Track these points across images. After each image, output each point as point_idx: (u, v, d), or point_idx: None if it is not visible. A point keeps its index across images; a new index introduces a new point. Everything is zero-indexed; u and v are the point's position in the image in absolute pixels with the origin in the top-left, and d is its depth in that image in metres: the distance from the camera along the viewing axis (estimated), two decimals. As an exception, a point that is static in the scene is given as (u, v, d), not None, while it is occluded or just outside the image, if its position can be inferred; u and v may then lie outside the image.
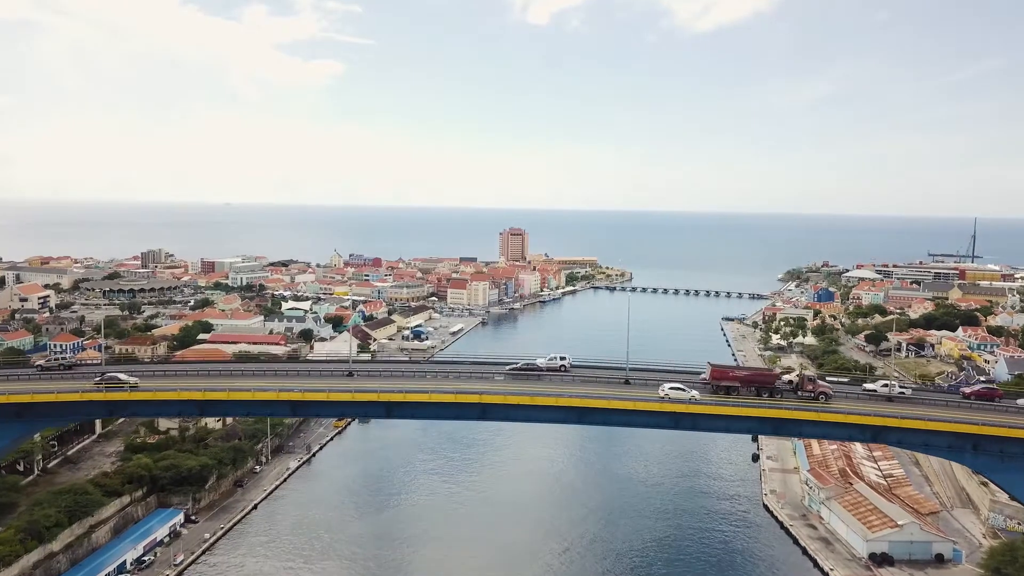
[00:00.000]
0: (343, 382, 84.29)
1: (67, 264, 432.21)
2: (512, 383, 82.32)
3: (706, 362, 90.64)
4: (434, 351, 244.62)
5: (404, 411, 76.74)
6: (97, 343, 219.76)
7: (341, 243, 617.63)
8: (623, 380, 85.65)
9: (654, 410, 73.11)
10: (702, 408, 72.30)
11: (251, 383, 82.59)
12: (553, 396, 74.03)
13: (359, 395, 76.09)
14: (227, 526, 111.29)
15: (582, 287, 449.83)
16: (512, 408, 73.23)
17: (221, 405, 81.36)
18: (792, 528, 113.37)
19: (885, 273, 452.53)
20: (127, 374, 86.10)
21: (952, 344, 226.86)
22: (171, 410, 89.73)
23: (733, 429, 77.31)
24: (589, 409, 73.89)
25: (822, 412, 74.24)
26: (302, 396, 76.65)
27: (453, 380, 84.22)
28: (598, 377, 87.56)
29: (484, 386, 79.48)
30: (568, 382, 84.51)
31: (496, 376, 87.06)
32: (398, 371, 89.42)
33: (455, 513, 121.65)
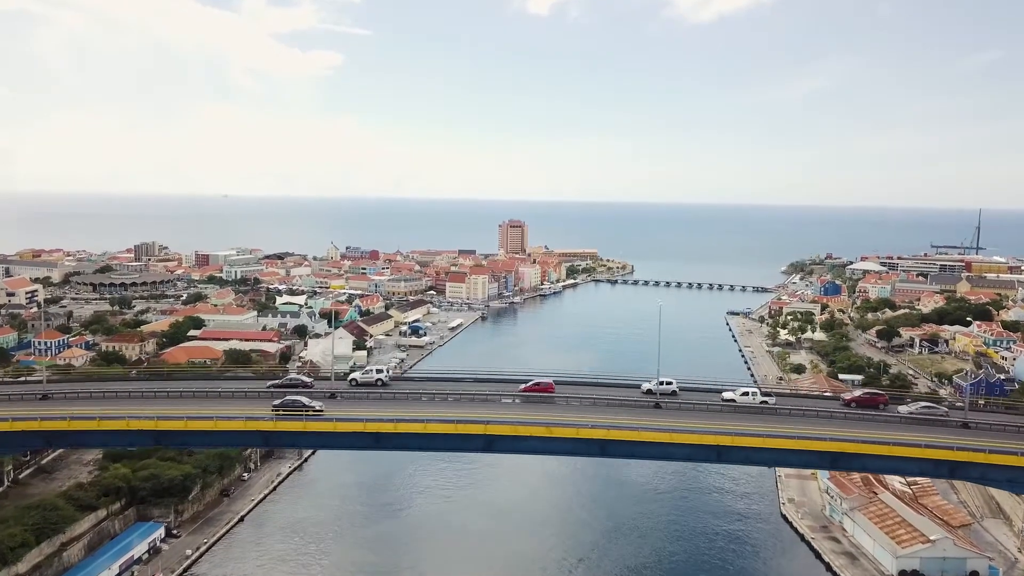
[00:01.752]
0: (325, 407, 73.58)
1: (59, 257, 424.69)
2: (522, 409, 72.54)
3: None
4: (433, 347, 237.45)
5: (396, 442, 66.35)
6: (83, 340, 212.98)
7: (338, 235, 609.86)
8: (652, 404, 75.75)
9: (694, 443, 63.07)
10: (751, 440, 62.65)
11: (215, 409, 70.99)
12: (572, 427, 63.89)
13: (342, 424, 66.76)
14: (211, 540, 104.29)
15: (583, 280, 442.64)
16: (522, 440, 63.47)
17: (179, 436, 69.81)
18: (814, 541, 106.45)
19: (890, 265, 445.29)
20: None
21: (967, 340, 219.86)
22: (121, 441, 77.97)
23: (784, 463, 69.82)
24: (614, 441, 63.54)
25: (891, 444, 65.49)
26: (274, 426, 66.88)
27: (453, 404, 74.54)
28: (623, 400, 76.97)
29: (490, 413, 69.26)
30: (588, 406, 74.54)
31: (503, 398, 77.13)
32: (388, 393, 78.79)
33: (456, 521, 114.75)
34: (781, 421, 70.67)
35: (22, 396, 77.60)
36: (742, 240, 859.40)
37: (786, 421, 70.76)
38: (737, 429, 63.47)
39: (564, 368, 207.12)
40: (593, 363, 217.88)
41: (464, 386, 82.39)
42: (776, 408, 75.99)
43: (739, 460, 65.24)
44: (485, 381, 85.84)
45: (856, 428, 69.10)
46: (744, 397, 77.82)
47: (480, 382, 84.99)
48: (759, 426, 65.21)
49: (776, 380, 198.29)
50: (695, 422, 66.83)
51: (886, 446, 63.21)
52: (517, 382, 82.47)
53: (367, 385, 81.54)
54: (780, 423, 69.26)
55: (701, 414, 72.78)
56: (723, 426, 65.02)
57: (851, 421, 72.77)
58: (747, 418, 70.83)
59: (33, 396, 77.29)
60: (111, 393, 79.68)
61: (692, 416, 70.97)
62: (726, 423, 66.43)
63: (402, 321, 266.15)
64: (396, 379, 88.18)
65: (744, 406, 76.40)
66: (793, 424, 69.01)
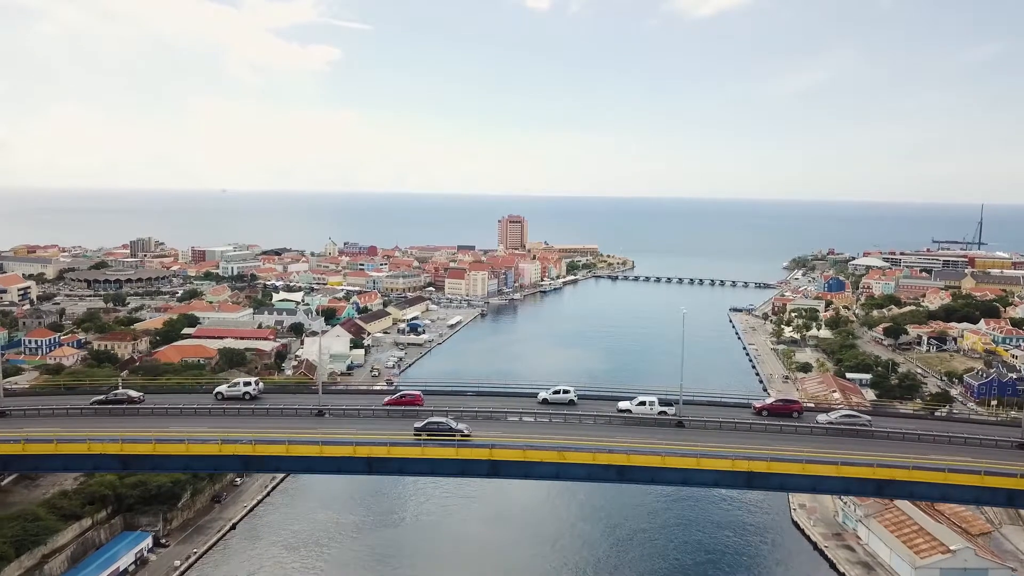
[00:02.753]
0: (310, 426, 66.72)
1: (54, 253, 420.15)
2: (531, 429, 66.92)
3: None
4: (432, 346, 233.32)
5: (390, 467, 59.96)
6: (75, 338, 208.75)
7: (336, 230, 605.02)
8: (675, 422, 69.67)
9: (722, 469, 56.58)
10: (787, 467, 56.58)
11: (188, 430, 63.71)
12: (588, 451, 57.51)
13: (329, 449, 59.49)
14: (202, 550, 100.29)
15: (583, 276, 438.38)
16: (532, 465, 57.15)
17: (149, 460, 62.78)
18: (827, 550, 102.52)
19: (893, 261, 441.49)
20: None
21: (975, 338, 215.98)
22: (83, 465, 71.14)
23: (823, 489, 65.77)
24: (633, 467, 56.93)
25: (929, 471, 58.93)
26: (252, 450, 59.65)
27: (453, 423, 68.51)
28: (642, 418, 70.28)
29: (495, 432, 63.05)
30: (602, 424, 68.89)
31: (509, 415, 70.90)
32: (382, 408, 72.05)
33: (455, 528, 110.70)
34: (687, 435, 65.77)
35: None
36: (743, 235, 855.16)
37: (692, 435, 65.78)
38: (772, 454, 57.44)
39: (565, 368, 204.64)
40: (596, 362, 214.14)
41: (465, 401, 76.22)
42: (681, 420, 70.13)
43: (773, 487, 60.09)
44: (488, 395, 79.53)
45: (768, 441, 63.27)
46: (641, 407, 71.95)
47: (483, 396, 78.52)
48: (796, 450, 58.70)
49: (782, 379, 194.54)
50: (723, 444, 60.95)
51: (798, 464, 57.56)
52: (524, 395, 76.63)
53: (234, 399, 75.49)
54: (688, 438, 64.38)
55: (729, 434, 66.35)
56: (756, 449, 58.78)
57: (769, 434, 67.25)
58: (695, 436, 65.34)
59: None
60: (75, 410, 72.51)
61: (719, 437, 64.85)
62: (759, 446, 59.89)
63: (400, 318, 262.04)
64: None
65: (641, 417, 70.77)
66: (701, 438, 63.98)
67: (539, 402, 74.88)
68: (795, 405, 74.72)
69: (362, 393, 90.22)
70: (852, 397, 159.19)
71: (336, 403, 74.58)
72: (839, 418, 70.88)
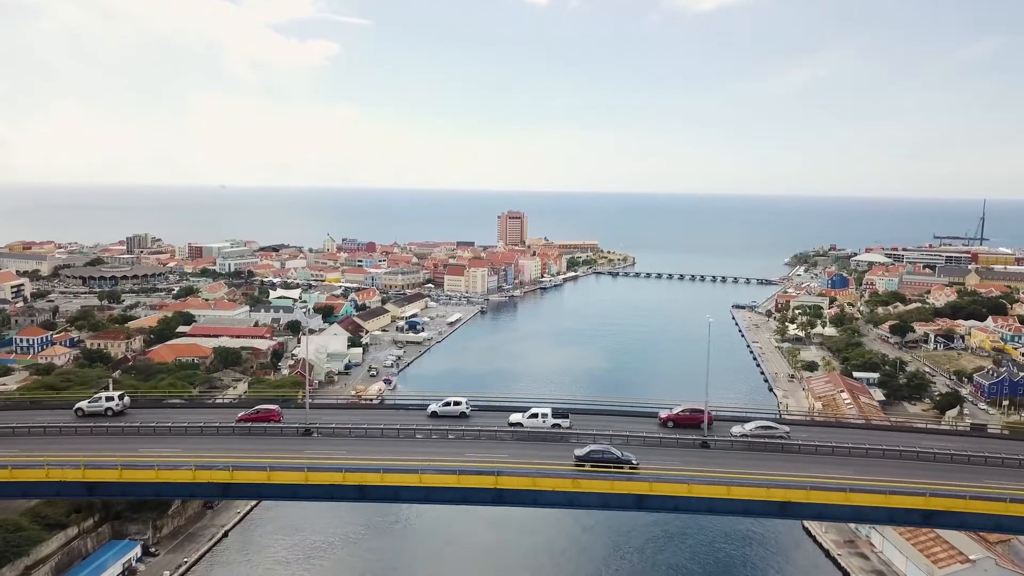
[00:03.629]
0: (296, 448, 60.92)
1: (50, 250, 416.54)
2: (539, 450, 60.63)
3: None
4: (431, 344, 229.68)
5: (385, 494, 54.25)
6: (68, 337, 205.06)
7: (335, 226, 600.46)
8: (699, 442, 64.05)
9: (755, 498, 51.27)
10: (827, 496, 51.28)
11: (160, 451, 58.69)
12: (606, 479, 52.60)
13: (315, 476, 53.89)
14: (193, 558, 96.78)
15: (583, 272, 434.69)
16: (543, 493, 51.65)
17: (116, 487, 57.82)
18: (840, 558, 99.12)
19: (895, 257, 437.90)
20: None
21: (983, 336, 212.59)
22: (45, 492, 64.07)
23: (865, 519, 60.44)
24: (655, 496, 51.60)
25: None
26: (231, 476, 54.25)
27: (453, 444, 63.16)
28: (663, 438, 64.44)
29: (501, 455, 57.37)
30: (619, 446, 61.53)
31: (516, 435, 65.43)
32: (375, 425, 65.79)
33: (459, 531, 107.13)
34: (454, 445, 61.08)
35: None
36: (743, 231, 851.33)
37: (460, 446, 61.06)
38: (811, 482, 52.21)
39: (566, 368, 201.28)
40: (597, 361, 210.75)
41: (469, 419, 70.47)
42: (577, 434, 64.49)
43: (808, 515, 56.13)
44: (492, 409, 73.22)
45: (670, 457, 58.76)
46: (532, 420, 66.57)
47: (485, 411, 72.64)
48: (834, 477, 53.40)
49: (788, 378, 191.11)
50: (754, 470, 55.34)
51: (840, 492, 52.06)
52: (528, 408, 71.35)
53: (95, 415, 69.22)
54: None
55: (760, 456, 60.73)
56: (794, 476, 53.36)
57: (670, 448, 62.58)
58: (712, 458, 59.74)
59: None
60: (38, 428, 66.65)
61: (749, 460, 59.12)
62: (796, 472, 54.42)
63: (399, 316, 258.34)
64: (391, 408, 74.42)
65: (533, 431, 65.42)
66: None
67: (428, 415, 69.91)
68: (699, 416, 68.99)
69: (343, 408, 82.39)
70: (860, 397, 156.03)
71: (316, 420, 68.48)
72: (755, 429, 65.53)
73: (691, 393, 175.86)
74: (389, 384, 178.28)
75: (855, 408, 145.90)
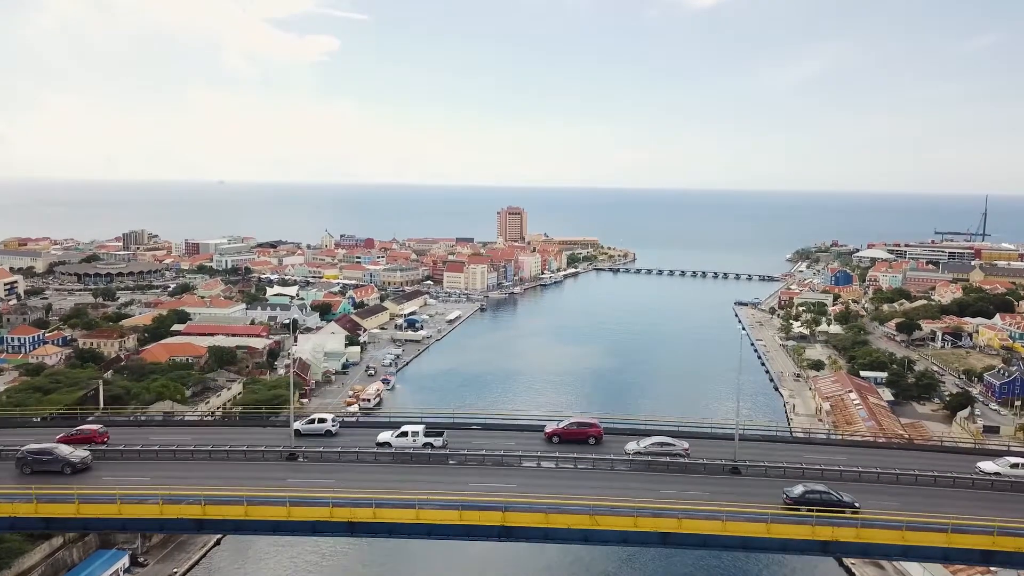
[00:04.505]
0: (278, 475, 54.91)
1: (45, 246, 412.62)
2: (552, 479, 54.82)
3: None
4: (430, 342, 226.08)
5: (378, 530, 48.76)
6: (60, 335, 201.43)
7: (333, 222, 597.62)
8: (729, 467, 57.27)
9: (801, 537, 45.79)
10: (879, 534, 45.59)
11: (126, 479, 53.05)
12: (629, 515, 46.16)
13: (299, 512, 48.02)
14: (183, 568, 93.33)
15: (584, 269, 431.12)
16: (556, 531, 45.90)
17: (76, 522, 52.63)
18: (854, 567, 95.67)
19: (898, 253, 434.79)
20: None
21: (991, 334, 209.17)
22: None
23: (916, 556, 54.98)
24: (686, 534, 45.66)
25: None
26: (203, 512, 48.34)
27: (454, 470, 56.97)
28: (689, 464, 57.52)
29: (509, 485, 51.76)
30: (640, 468, 56.78)
31: (524, 460, 58.06)
32: (367, 450, 59.38)
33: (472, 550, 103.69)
34: (455, 473, 55.16)
35: None
36: (744, 227, 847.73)
37: (462, 473, 54.98)
38: (860, 517, 46.41)
39: (568, 367, 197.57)
40: (599, 360, 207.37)
41: (470, 438, 63.05)
42: (447, 454, 58.73)
43: (855, 553, 50.40)
44: (497, 428, 66.87)
45: (556, 479, 53.71)
46: (402, 439, 60.51)
47: (489, 429, 66.05)
48: (884, 512, 47.14)
49: (793, 377, 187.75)
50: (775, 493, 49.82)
51: (896, 531, 46.05)
52: (539, 428, 65.31)
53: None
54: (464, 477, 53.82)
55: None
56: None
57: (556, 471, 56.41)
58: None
59: None
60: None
61: (774, 487, 52.43)
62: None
63: (398, 313, 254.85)
64: (385, 425, 66.12)
65: (401, 451, 59.52)
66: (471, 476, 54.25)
67: (293, 433, 63.30)
68: (593, 429, 62.72)
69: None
70: (869, 397, 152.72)
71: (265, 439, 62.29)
72: (650, 446, 59.29)
73: (692, 393, 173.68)
74: (387, 384, 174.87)
75: (864, 409, 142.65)
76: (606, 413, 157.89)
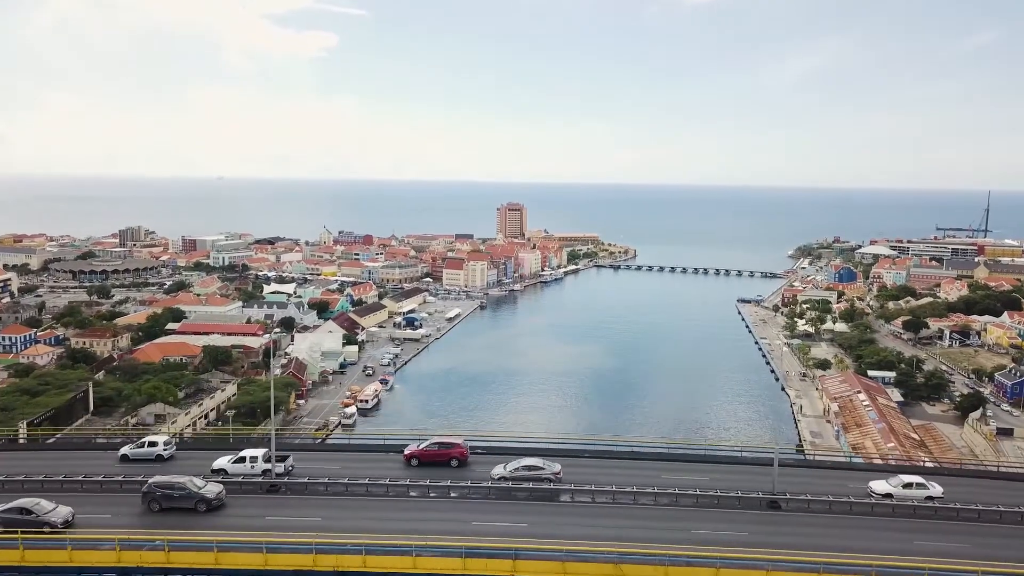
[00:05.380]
0: (256, 511, 48.79)
1: (40, 243, 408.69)
2: (570, 518, 48.05)
3: None
4: (429, 341, 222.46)
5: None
6: (52, 334, 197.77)
7: (332, 219, 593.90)
8: (767, 500, 50.97)
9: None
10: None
11: (84, 516, 46.79)
12: (659, 563, 40.26)
13: (277, 559, 41.98)
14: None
15: (584, 265, 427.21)
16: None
17: (24, 570, 44.30)
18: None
19: (900, 249, 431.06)
20: None
21: (1000, 332, 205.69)
22: None
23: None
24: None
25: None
26: (167, 560, 42.50)
27: (455, 505, 50.44)
28: (721, 494, 51.09)
29: (520, 525, 45.66)
30: (666, 505, 50.38)
31: (534, 495, 51.37)
32: (359, 477, 53.33)
33: None
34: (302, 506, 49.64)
35: None
36: (744, 223, 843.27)
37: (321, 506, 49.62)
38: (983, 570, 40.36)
39: (570, 367, 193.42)
40: (601, 359, 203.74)
41: (474, 466, 56.98)
42: (283, 484, 52.65)
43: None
44: (502, 453, 59.74)
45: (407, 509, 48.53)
46: (239, 465, 54.46)
47: (493, 454, 59.23)
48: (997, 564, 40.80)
49: (800, 377, 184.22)
50: (867, 541, 43.85)
51: None
52: (553, 453, 59.09)
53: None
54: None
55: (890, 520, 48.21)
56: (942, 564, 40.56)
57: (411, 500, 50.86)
58: None
59: None
60: None
61: (819, 525, 47.11)
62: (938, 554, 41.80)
63: (397, 311, 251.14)
64: (379, 449, 61.66)
65: (234, 480, 53.28)
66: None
67: (119, 458, 57.75)
68: (456, 449, 57.71)
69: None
70: (878, 398, 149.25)
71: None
72: (517, 470, 53.72)
73: (692, 393, 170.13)
74: (386, 384, 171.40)
75: (874, 410, 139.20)
76: (607, 412, 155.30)
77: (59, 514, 46.64)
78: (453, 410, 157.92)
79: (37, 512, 46.24)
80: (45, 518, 45.96)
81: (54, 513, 46.60)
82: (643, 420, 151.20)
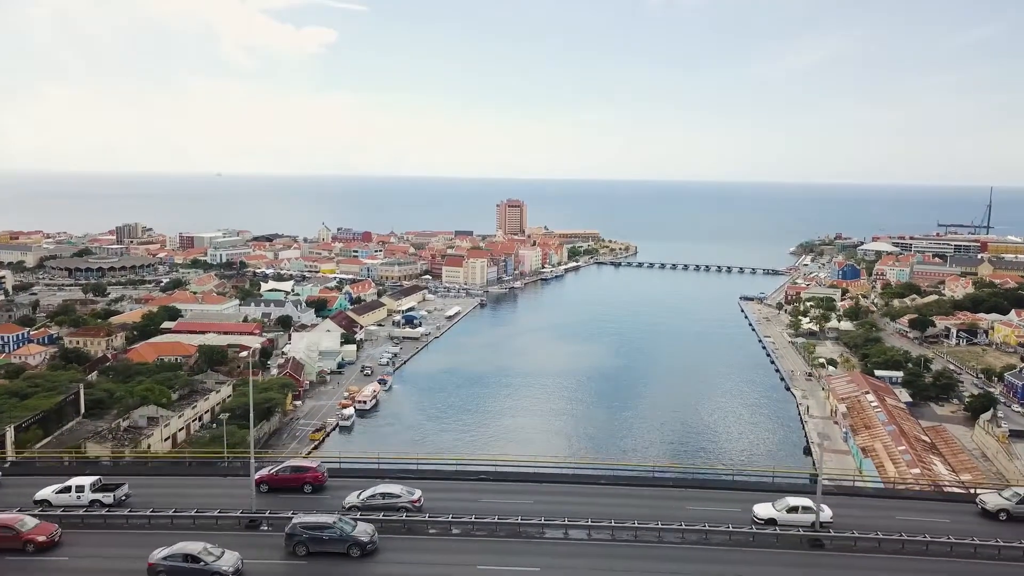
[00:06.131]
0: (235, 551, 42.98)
1: (37, 240, 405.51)
2: (592, 560, 43.17)
3: None
4: (429, 339, 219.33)
5: None
6: (46, 333, 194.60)
7: (331, 215, 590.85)
8: (808, 538, 45.86)
9: None
10: None
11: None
12: None
13: None
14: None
15: (585, 262, 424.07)
16: None
17: None
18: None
19: (903, 246, 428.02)
20: None
21: (1008, 330, 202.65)
22: None
23: None
24: None
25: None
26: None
27: (458, 546, 45.68)
28: (751, 536, 45.88)
29: (532, 568, 41.62)
30: (694, 542, 45.29)
31: (546, 528, 46.57)
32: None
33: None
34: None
35: None
36: (745, 219, 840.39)
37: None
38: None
39: (571, 367, 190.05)
40: (602, 359, 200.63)
41: (479, 496, 51.43)
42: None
43: None
44: (513, 479, 54.91)
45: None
46: (64, 496, 50.20)
47: (501, 481, 54.13)
48: None
49: (805, 376, 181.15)
50: None
51: None
52: (562, 479, 54.75)
53: None
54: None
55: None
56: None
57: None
58: None
59: None
60: None
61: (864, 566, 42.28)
62: None
63: (396, 309, 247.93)
64: (373, 474, 57.29)
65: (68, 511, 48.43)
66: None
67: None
68: (310, 474, 54.18)
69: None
70: (887, 399, 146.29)
71: None
72: (371, 498, 49.90)
73: (697, 392, 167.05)
74: (384, 384, 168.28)
75: (883, 411, 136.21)
76: (607, 413, 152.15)
77: (228, 562, 41.64)
78: (453, 411, 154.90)
79: (206, 560, 41.18)
80: (215, 567, 41.04)
81: (223, 560, 41.64)
82: (645, 421, 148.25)
